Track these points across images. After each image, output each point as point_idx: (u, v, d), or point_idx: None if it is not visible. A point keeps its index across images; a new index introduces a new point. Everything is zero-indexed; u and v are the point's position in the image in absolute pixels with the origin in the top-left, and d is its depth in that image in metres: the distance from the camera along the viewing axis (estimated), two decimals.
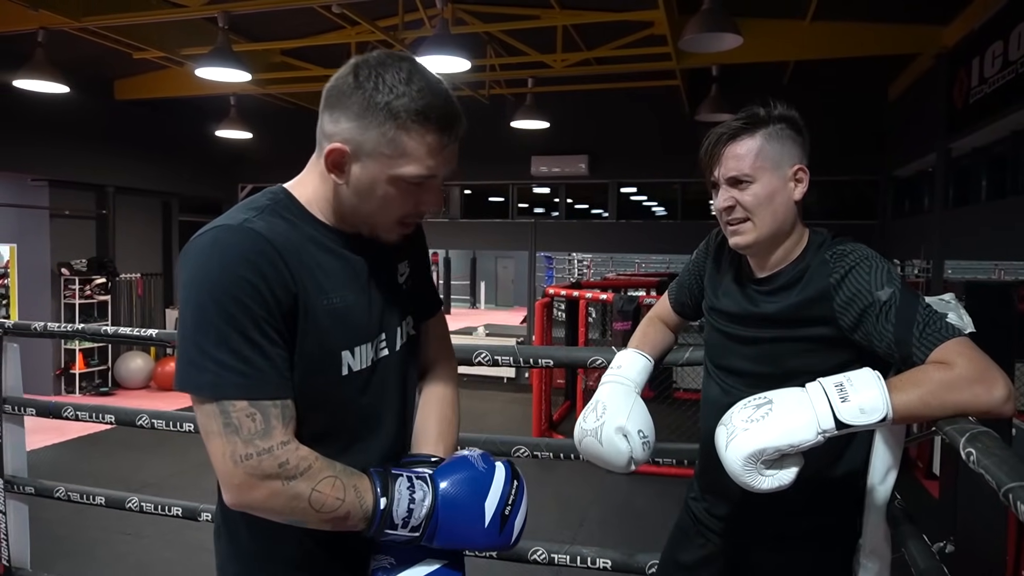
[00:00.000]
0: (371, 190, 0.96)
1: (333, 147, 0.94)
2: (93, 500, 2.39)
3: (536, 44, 6.35)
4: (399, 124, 0.92)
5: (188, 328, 0.89)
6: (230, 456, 0.88)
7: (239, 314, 0.87)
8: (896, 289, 1.12)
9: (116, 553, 3.69)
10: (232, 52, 5.11)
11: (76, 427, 5.87)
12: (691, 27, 4.30)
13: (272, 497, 0.89)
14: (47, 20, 5.17)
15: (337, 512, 0.91)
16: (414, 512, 0.94)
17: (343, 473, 0.93)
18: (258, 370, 0.88)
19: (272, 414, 0.89)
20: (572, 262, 14.90)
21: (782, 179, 1.24)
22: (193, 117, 8.56)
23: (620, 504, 4.58)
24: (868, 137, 7.58)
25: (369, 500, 0.93)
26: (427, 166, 0.94)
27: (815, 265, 1.23)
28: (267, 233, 0.91)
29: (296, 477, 0.89)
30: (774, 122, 1.24)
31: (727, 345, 1.35)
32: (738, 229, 1.25)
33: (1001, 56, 4.59)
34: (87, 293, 7.77)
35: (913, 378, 1.04)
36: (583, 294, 6.29)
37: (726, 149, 1.24)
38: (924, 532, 1.38)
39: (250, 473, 0.88)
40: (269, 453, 0.88)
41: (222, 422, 0.88)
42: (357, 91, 0.92)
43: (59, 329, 2.39)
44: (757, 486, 1.04)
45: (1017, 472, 0.83)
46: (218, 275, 0.88)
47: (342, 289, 0.98)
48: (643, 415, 1.34)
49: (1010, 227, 4.87)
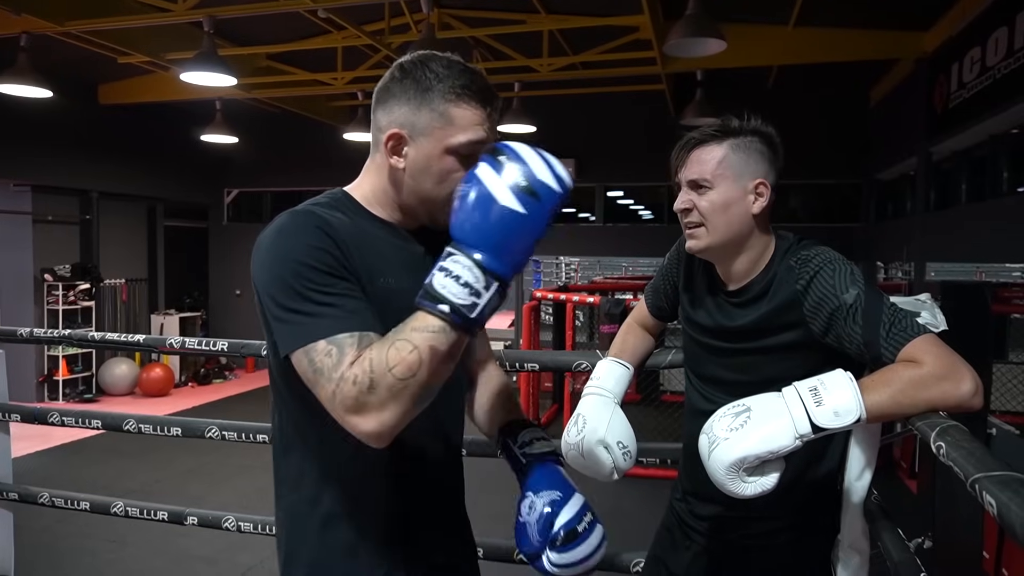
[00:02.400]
0: (428, 167, 1.05)
1: (392, 132, 1.05)
2: (78, 505, 2.38)
3: (522, 48, 6.39)
4: (447, 99, 1.03)
5: (273, 298, 0.97)
6: (328, 400, 0.93)
7: (309, 273, 0.95)
8: (860, 290, 1.14)
9: (101, 561, 3.66)
10: (218, 56, 5.10)
11: (59, 435, 5.82)
12: (676, 32, 4.34)
13: (380, 410, 0.91)
14: (30, 24, 5.13)
15: (423, 359, 0.91)
16: (469, 283, 0.91)
17: (396, 333, 0.93)
18: (338, 310, 0.95)
19: (346, 343, 0.93)
20: (559, 266, 14.94)
21: (741, 190, 1.25)
22: (178, 121, 8.52)
23: (607, 506, 4.58)
24: (851, 141, 7.67)
25: (432, 320, 0.91)
26: (476, 132, 1.05)
27: (781, 272, 1.25)
28: (325, 215, 1.01)
29: (372, 382, 0.90)
30: (746, 134, 1.26)
31: (705, 356, 1.37)
32: (692, 233, 1.29)
33: (979, 62, 4.67)
34: (71, 299, 7.70)
35: (884, 378, 1.06)
36: (570, 297, 6.31)
37: (692, 154, 1.28)
38: (905, 529, 1.41)
39: (346, 407, 0.91)
40: (343, 380, 0.91)
41: (313, 369, 0.93)
42: (406, 80, 1.04)
43: (45, 335, 2.38)
44: (741, 492, 1.06)
45: (983, 463, 0.85)
46: (286, 248, 0.98)
47: (395, 273, 1.06)
48: (622, 426, 1.37)
49: (989, 230, 4.95)
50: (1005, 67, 4.30)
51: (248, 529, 2.15)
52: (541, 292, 7.09)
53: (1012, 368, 5.89)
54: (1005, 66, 4.30)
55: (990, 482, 0.80)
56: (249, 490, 4.62)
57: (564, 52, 6.42)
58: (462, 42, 6.15)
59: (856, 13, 5.58)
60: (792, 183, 8.13)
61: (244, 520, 2.16)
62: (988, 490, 0.79)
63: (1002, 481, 0.79)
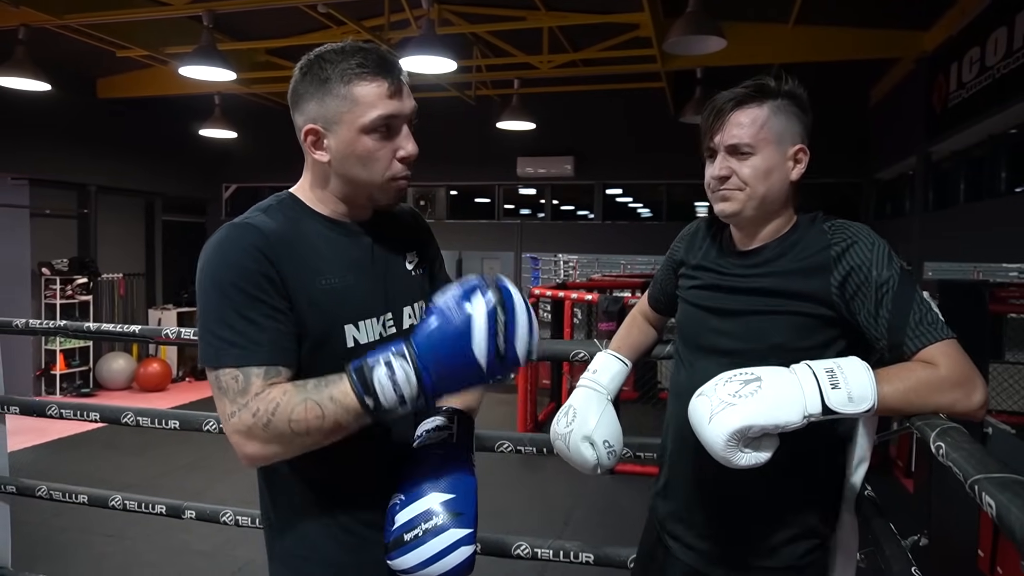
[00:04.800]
0: (348, 152, 1.07)
1: (307, 129, 1.07)
2: (75, 499, 2.37)
3: (522, 45, 6.38)
4: (345, 82, 1.04)
5: (201, 312, 1.04)
6: (224, 415, 1.00)
7: (235, 294, 1.00)
8: (895, 273, 1.10)
9: (98, 554, 3.66)
10: (217, 51, 5.09)
11: (57, 429, 5.81)
12: (676, 30, 4.34)
13: (264, 444, 0.99)
14: (28, 17, 5.12)
15: (324, 426, 0.98)
16: (403, 394, 0.96)
17: (314, 390, 0.98)
18: (250, 340, 1.00)
19: (253, 374, 0.99)
20: (558, 263, 14.93)
21: (782, 156, 1.19)
22: (177, 116, 8.50)
23: (605, 503, 4.60)
24: (850, 140, 7.67)
25: (353, 402, 0.97)
26: (384, 106, 1.06)
27: (810, 237, 1.19)
28: (263, 227, 1.05)
29: (271, 419, 0.97)
30: (783, 96, 1.19)
31: (704, 320, 1.28)
32: (727, 195, 1.20)
33: (978, 62, 4.67)
34: (68, 293, 7.68)
35: (899, 373, 1.05)
36: (569, 295, 6.31)
37: (731, 116, 1.19)
38: (900, 527, 1.41)
39: (236, 429, 0.99)
40: (245, 407, 0.98)
41: (218, 387, 1.01)
42: (307, 77, 1.07)
43: (41, 326, 2.37)
44: (735, 462, 1.02)
45: (983, 465, 0.85)
46: (218, 264, 1.03)
47: (341, 271, 1.09)
48: (611, 424, 1.37)
49: (987, 230, 4.96)
50: (1004, 67, 4.31)
51: (246, 523, 2.15)
52: (540, 289, 7.09)
53: (1008, 367, 5.90)
54: (1004, 66, 4.30)
55: (990, 484, 0.81)
56: (247, 484, 4.58)
57: (564, 49, 6.42)
58: (462, 38, 6.15)
59: (856, 12, 5.58)
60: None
61: (242, 514, 2.16)
62: (988, 491, 0.80)
63: (1002, 483, 0.80)
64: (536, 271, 14.93)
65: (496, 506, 4.38)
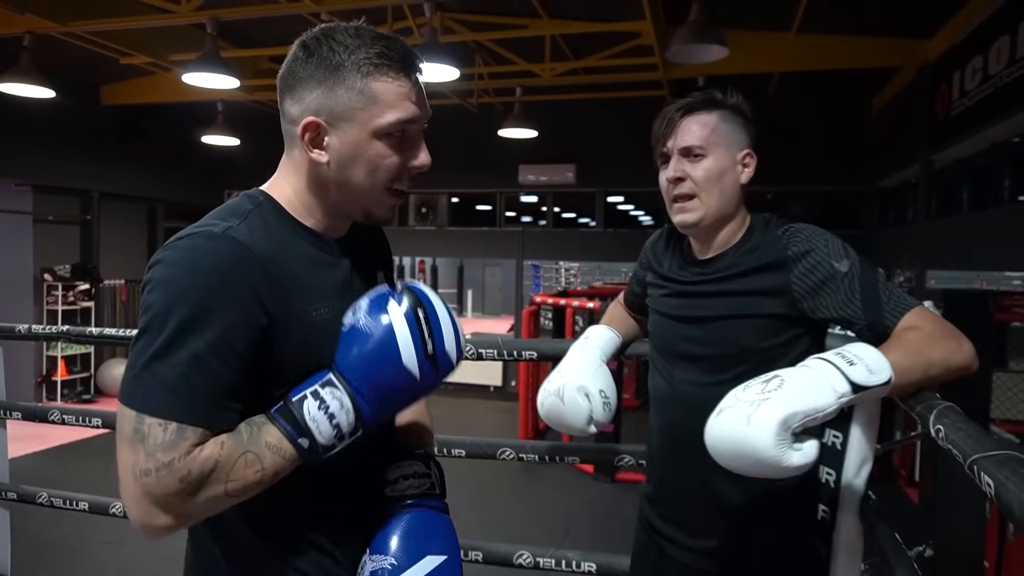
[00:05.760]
0: (355, 155, 0.91)
1: (307, 122, 0.90)
2: (76, 506, 2.37)
3: (525, 53, 6.39)
4: (364, 73, 0.89)
5: (142, 337, 0.82)
6: (131, 469, 0.79)
7: (195, 327, 0.80)
8: (855, 261, 1.17)
9: (98, 562, 3.65)
10: (220, 58, 5.11)
11: (58, 435, 5.81)
12: (678, 38, 4.35)
13: (180, 518, 0.81)
14: (33, 24, 5.14)
15: (263, 481, 0.84)
16: (340, 425, 0.85)
17: (251, 440, 0.83)
18: (197, 391, 0.81)
19: (189, 431, 0.80)
20: (559, 271, 14.92)
21: (732, 160, 1.26)
22: (180, 123, 8.52)
23: (606, 511, 4.58)
24: (853, 148, 7.67)
25: (288, 447, 0.84)
26: (404, 108, 0.91)
27: (767, 241, 1.25)
28: (249, 242, 0.86)
29: (202, 487, 0.80)
30: (729, 107, 1.28)
31: (675, 329, 1.33)
32: (685, 207, 1.26)
33: (981, 70, 4.67)
34: (70, 299, 7.69)
35: (894, 343, 1.09)
36: (570, 302, 6.31)
37: (682, 122, 1.26)
38: (905, 537, 1.40)
39: (147, 492, 0.79)
40: (168, 468, 0.78)
41: (133, 427, 0.80)
42: (312, 59, 0.90)
43: (43, 331, 2.37)
44: (788, 463, 0.96)
45: (981, 444, 0.83)
46: (181, 284, 0.82)
47: (329, 299, 0.93)
48: (606, 377, 1.38)
49: (990, 238, 4.95)
50: (1007, 75, 4.31)
51: None
52: (541, 297, 7.09)
53: (1012, 376, 5.87)
54: (1007, 75, 4.30)
55: (988, 462, 0.79)
56: None
57: (566, 57, 6.43)
58: (464, 46, 6.16)
59: (858, 21, 5.59)
60: (793, 189, 8.14)
61: None
62: (986, 470, 0.78)
63: (1000, 460, 0.78)
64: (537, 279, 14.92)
65: (497, 514, 4.36)
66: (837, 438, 1.28)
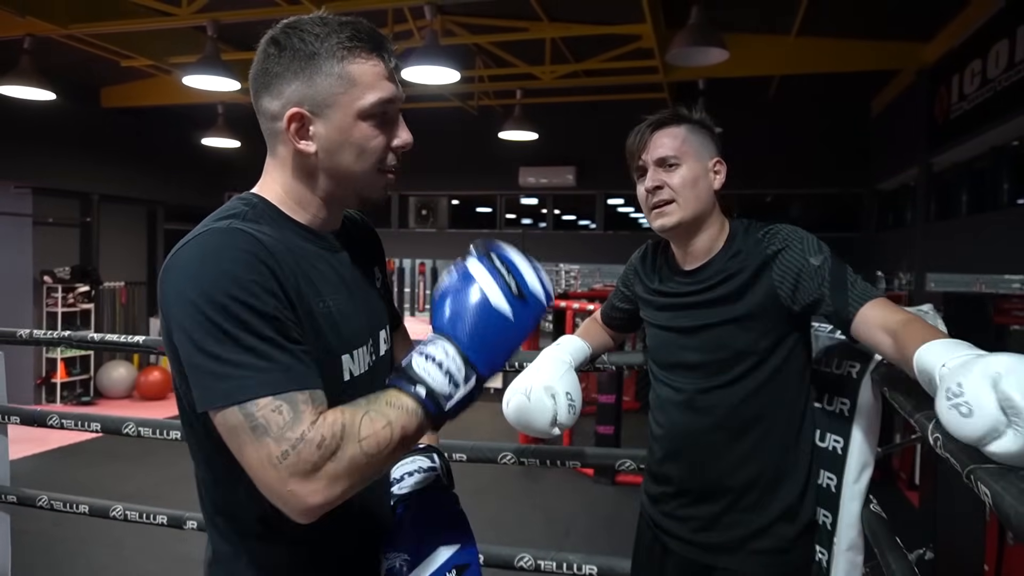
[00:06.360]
0: (343, 140, 0.92)
1: (291, 113, 0.90)
2: (76, 509, 2.37)
3: (525, 56, 6.40)
4: (339, 58, 0.90)
5: (194, 342, 0.80)
6: (267, 461, 0.78)
7: (243, 312, 0.80)
8: (827, 255, 1.25)
9: (98, 564, 3.64)
10: (220, 61, 5.11)
11: (57, 437, 5.80)
12: (678, 41, 4.36)
13: (333, 483, 0.79)
14: (34, 27, 5.14)
15: (394, 438, 0.83)
16: (451, 371, 0.86)
17: (369, 404, 0.84)
18: (277, 363, 0.80)
19: (299, 400, 0.80)
20: (559, 273, 14.93)
21: (704, 167, 1.34)
22: (180, 125, 8.53)
23: (606, 513, 4.58)
24: (852, 151, 7.69)
25: (407, 400, 0.84)
26: (384, 88, 0.93)
27: (748, 246, 1.31)
28: (256, 233, 0.86)
29: (339, 447, 0.79)
30: (694, 122, 1.36)
31: (673, 341, 1.39)
32: (663, 211, 1.33)
33: (980, 74, 4.69)
34: (70, 301, 7.69)
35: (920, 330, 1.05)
36: (570, 304, 6.31)
37: (654, 136, 1.35)
38: (905, 541, 1.41)
39: (296, 472, 0.77)
40: (302, 441, 0.78)
41: (249, 426, 0.78)
42: (285, 52, 0.91)
43: (45, 336, 2.37)
44: None
45: (979, 453, 0.83)
46: (214, 278, 0.81)
47: (335, 292, 0.94)
48: (573, 381, 1.43)
49: (989, 241, 4.96)
50: (1006, 79, 4.32)
51: None
52: None
53: None
54: (1006, 78, 4.32)
55: (985, 472, 0.79)
56: None
57: (566, 60, 6.44)
58: (465, 49, 6.17)
59: (858, 24, 5.60)
60: (793, 192, 8.14)
61: None
62: (984, 480, 0.78)
63: (997, 471, 0.78)
64: None
65: (497, 517, 4.36)
66: (838, 443, 1.29)
